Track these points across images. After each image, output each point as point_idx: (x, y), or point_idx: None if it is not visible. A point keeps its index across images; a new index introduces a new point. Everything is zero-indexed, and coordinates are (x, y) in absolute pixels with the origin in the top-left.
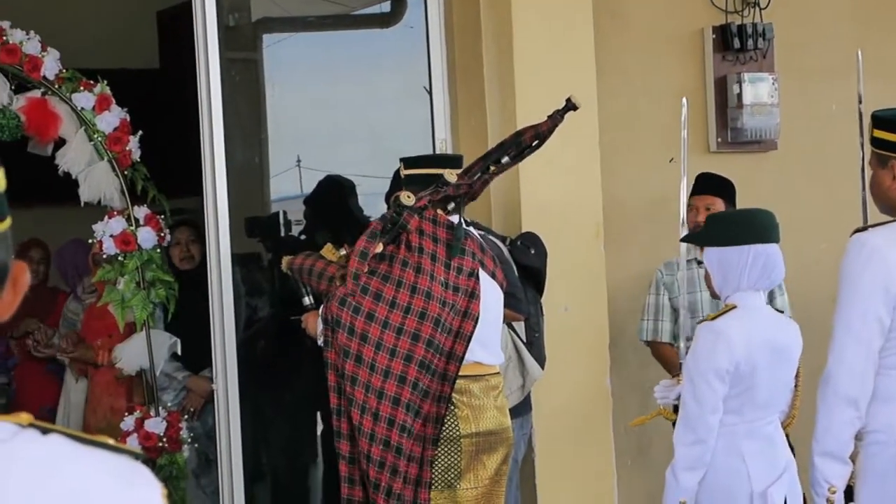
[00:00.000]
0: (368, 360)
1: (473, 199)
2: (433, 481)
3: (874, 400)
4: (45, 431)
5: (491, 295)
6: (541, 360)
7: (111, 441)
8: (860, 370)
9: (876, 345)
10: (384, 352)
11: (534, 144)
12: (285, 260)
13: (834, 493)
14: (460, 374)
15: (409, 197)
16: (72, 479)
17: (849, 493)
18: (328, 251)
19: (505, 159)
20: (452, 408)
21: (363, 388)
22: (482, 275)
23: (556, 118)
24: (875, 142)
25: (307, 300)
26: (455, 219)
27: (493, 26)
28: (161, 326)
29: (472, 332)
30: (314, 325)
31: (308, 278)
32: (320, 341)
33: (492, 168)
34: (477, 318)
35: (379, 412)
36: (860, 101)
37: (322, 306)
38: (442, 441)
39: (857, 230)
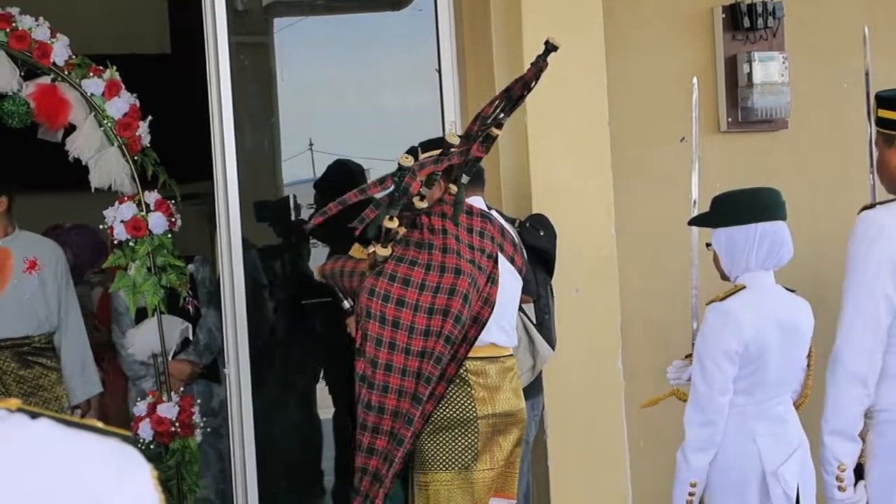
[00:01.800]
0: (402, 345)
1: (479, 161)
2: (450, 463)
3: (883, 378)
4: (33, 416)
5: (508, 279)
6: (551, 341)
7: (100, 424)
8: (868, 348)
9: (884, 323)
10: (418, 334)
11: (524, 94)
12: (317, 269)
13: (844, 471)
14: (477, 356)
15: (406, 158)
16: (62, 461)
17: (859, 470)
18: (357, 251)
19: (502, 116)
20: (469, 389)
21: (399, 372)
22: (501, 259)
23: (539, 63)
24: (880, 122)
25: (346, 304)
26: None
27: (502, 8)
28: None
29: (487, 318)
30: (354, 326)
31: (341, 280)
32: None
33: (493, 130)
34: (494, 304)
35: (417, 394)
36: (867, 79)
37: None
38: (458, 423)
39: (865, 208)
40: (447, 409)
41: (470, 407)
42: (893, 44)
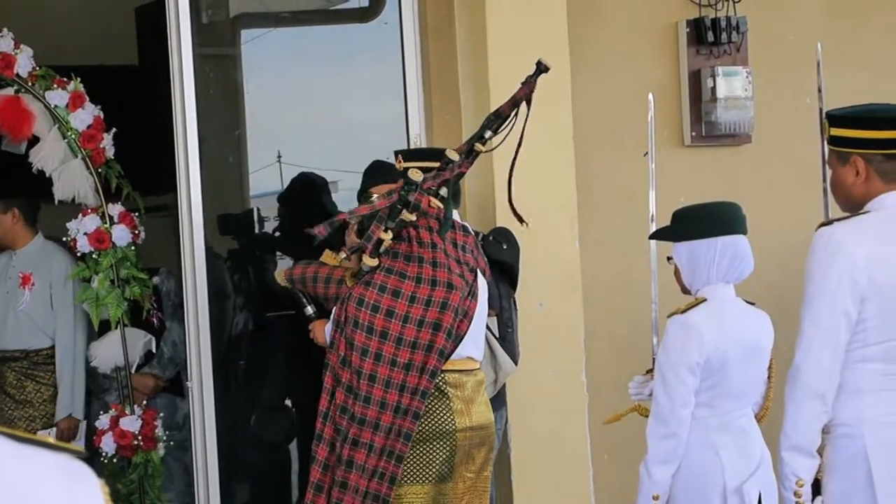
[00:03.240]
0: (388, 356)
1: (463, 176)
2: (426, 476)
3: (841, 393)
4: None
5: (482, 293)
6: (514, 355)
7: (51, 440)
8: (827, 364)
9: (843, 339)
10: (405, 346)
11: (514, 113)
12: (282, 272)
13: (802, 486)
14: (455, 368)
15: (416, 173)
16: (12, 477)
17: (816, 486)
18: (328, 257)
19: (488, 134)
20: (448, 401)
21: (382, 384)
22: (478, 273)
23: (530, 83)
24: (833, 140)
25: (310, 309)
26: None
27: (467, 21)
28: None
29: (465, 332)
30: (322, 333)
31: (314, 286)
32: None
33: (477, 146)
34: (472, 318)
35: (399, 405)
36: (820, 96)
37: (335, 309)
38: (437, 435)
39: (823, 224)
40: (427, 422)
41: (449, 419)
42: (855, 58)
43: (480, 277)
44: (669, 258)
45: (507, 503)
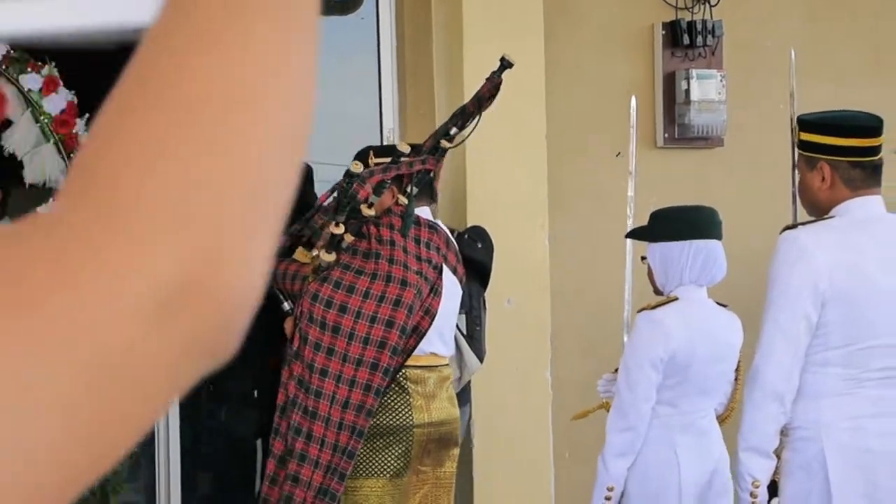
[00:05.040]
0: (341, 352)
1: (435, 180)
2: (382, 470)
3: (800, 397)
4: None
5: (450, 290)
6: (480, 353)
7: None
8: (787, 367)
9: (803, 342)
10: (357, 341)
11: (477, 110)
12: None
13: (758, 487)
14: (418, 364)
15: (356, 165)
16: None
17: (773, 487)
18: (301, 254)
19: (454, 130)
20: (407, 397)
21: (334, 379)
22: (445, 270)
23: (494, 79)
24: (802, 145)
25: (286, 305)
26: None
27: (443, 19)
28: None
29: (427, 329)
30: (291, 328)
31: (283, 282)
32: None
33: (443, 142)
34: (434, 315)
35: (349, 401)
36: (792, 101)
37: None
38: (394, 430)
39: (787, 228)
40: (384, 416)
41: (407, 414)
42: (828, 66)
43: (448, 275)
44: (643, 258)
45: (468, 498)
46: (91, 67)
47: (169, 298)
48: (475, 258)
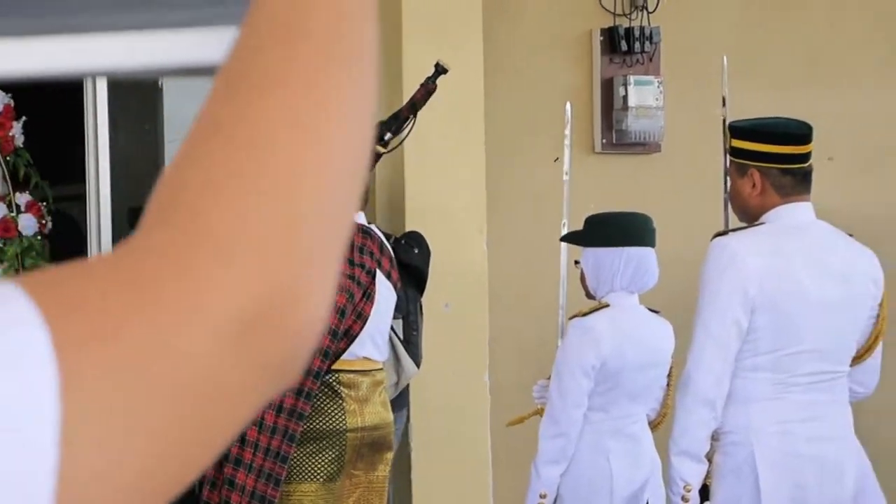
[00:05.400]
0: None
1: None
2: (315, 474)
3: (730, 402)
4: None
5: (384, 295)
6: (417, 358)
7: None
8: (718, 373)
9: (733, 348)
10: None
11: (411, 115)
12: None
13: (689, 490)
14: (351, 368)
15: None
16: None
17: (704, 491)
18: None
19: (388, 136)
20: (340, 401)
21: None
22: (378, 275)
23: (428, 85)
24: (733, 151)
25: None
26: None
27: (383, 24)
28: None
29: (358, 333)
30: None
31: None
32: None
33: (377, 147)
34: (367, 319)
35: (282, 405)
36: (724, 106)
37: None
38: (327, 434)
39: (718, 234)
40: (317, 421)
41: (340, 419)
42: (763, 73)
43: (382, 279)
44: (577, 262)
45: (407, 501)
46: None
47: (247, 324)
48: (412, 263)
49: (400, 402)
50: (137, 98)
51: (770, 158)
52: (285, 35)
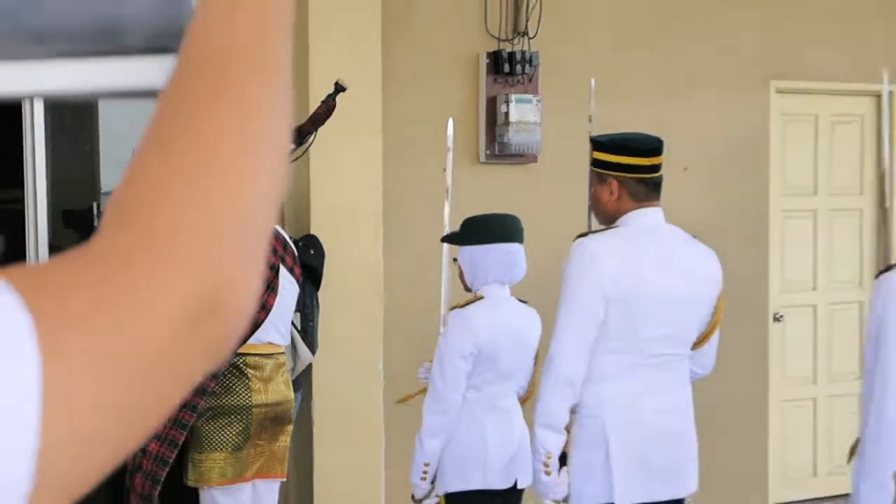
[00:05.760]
0: None
1: None
2: (224, 444)
3: (587, 380)
4: None
5: (287, 288)
6: (312, 346)
7: None
8: (577, 355)
9: (591, 335)
10: None
11: (313, 129)
12: None
13: (550, 458)
14: (256, 352)
15: None
16: None
17: (563, 458)
18: None
19: (291, 147)
20: (247, 381)
21: None
22: (282, 270)
23: (328, 102)
24: (595, 162)
25: None
26: None
27: (291, 43)
28: None
29: (262, 321)
30: None
31: None
32: None
33: None
34: (270, 309)
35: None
36: (590, 121)
37: None
38: (235, 409)
39: (580, 235)
40: (227, 398)
41: (247, 396)
42: (626, 91)
43: (285, 274)
44: (455, 259)
45: (308, 470)
46: None
47: (194, 313)
48: (308, 263)
49: (297, 384)
50: (74, 115)
51: (626, 169)
52: (218, 60)
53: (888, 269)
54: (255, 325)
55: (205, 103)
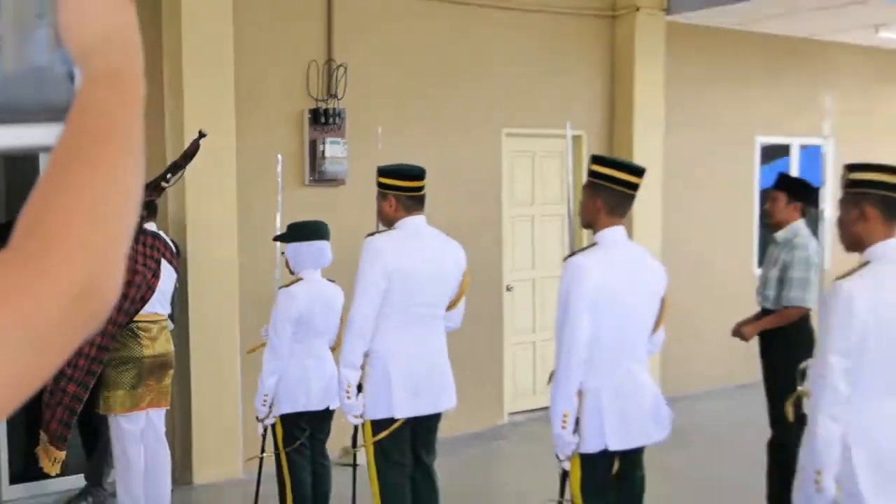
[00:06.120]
0: None
1: (153, 201)
2: (122, 384)
3: (375, 334)
4: None
5: (168, 275)
6: (174, 316)
7: None
8: (368, 316)
9: (377, 302)
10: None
11: (184, 163)
12: None
13: (350, 387)
14: (146, 319)
15: None
16: None
17: (360, 387)
18: None
19: (169, 175)
20: (139, 339)
21: None
22: (163, 262)
23: (195, 144)
24: (379, 184)
25: None
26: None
27: (170, 96)
28: None
29: (149, 299)
30: None
31: None
32: None
33: (162, 184)
34: (154, 290)
35: (93, 342)
36: (380, 145)
37: None
38: (131, 360)
39: (369, 235)
40: (125, 352)
41: (139, 350)
42: (405, 135)
43: (166, 265)
44: (283, 253)
45: (187, 401)
46: None
47: (79, 295)
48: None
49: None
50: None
51: (400, 189)
52: (95, 129)
53: (572, 254)
54: (145, 302)
55: (86, 157)
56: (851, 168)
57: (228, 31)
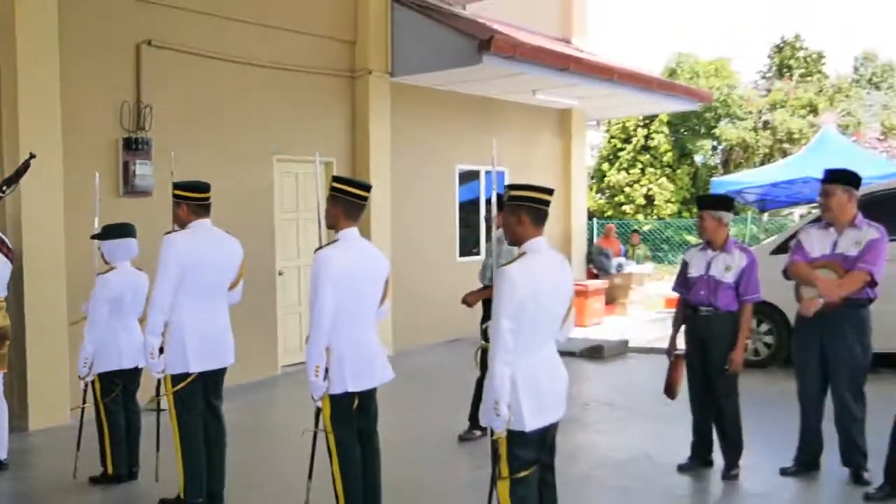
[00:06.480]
0: None
1: None
2: None
3: (173, 308)
4: None
5: (3, 264)
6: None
7: None
8: (167, 294)
9: (174, 286)
10: None
11: (16, 178)
12: None
13: (154, 351)
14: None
15: None
16: None
17: (161, 350)
18: None
19: (5, 187)
20: None
21: None
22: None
23: (26, 163)
24: (176, 196)
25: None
26: None
27: (6, 117)
28: None
29: None
30: None
31: None
32: None
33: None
34: None
35: None
36: (172, 175)
37: None
38: None
39: (167, 232)
40: None
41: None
42: (195, 160)
43: (1, 258)
44: (100, 248)
45: (23, 366)
46: None
47: None
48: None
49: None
50: None
51: (190, 199)
52: None
53: (321, 247)
54: None
55: None
56: (511, 187)
57: (55, 82)
